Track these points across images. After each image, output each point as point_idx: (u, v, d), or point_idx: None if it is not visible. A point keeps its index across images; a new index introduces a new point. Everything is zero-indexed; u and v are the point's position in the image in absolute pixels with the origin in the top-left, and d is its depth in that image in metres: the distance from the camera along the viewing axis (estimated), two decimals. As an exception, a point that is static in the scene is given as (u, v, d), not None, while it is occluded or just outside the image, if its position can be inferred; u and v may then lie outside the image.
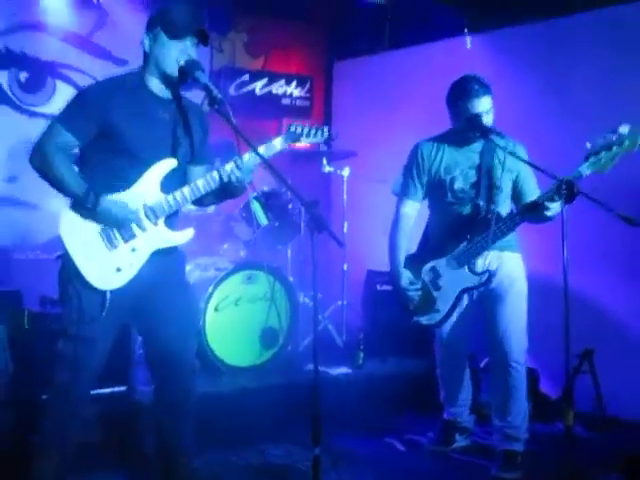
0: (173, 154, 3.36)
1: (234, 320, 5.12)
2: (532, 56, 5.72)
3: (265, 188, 5.64)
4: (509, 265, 4.21)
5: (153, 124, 3.33)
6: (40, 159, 3.22)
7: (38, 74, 5.97)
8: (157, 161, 3.31)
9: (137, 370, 4.48)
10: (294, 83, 7.16)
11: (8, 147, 5.59)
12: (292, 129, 3.45)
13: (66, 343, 3.28)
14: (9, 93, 5.88)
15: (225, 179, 3.33)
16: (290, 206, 5.56)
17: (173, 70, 3.30)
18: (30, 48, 5.94)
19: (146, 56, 3.36)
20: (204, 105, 3.56)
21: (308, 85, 7.25)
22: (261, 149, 3.32)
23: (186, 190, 3.33)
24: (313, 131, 3.49)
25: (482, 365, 5.09)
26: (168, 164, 3.33)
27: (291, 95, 7.15)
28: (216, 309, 5.04)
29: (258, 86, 6.95)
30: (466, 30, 6.15)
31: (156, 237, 3.33)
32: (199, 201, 3.49)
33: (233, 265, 5.21)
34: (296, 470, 4.15)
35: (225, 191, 3.44)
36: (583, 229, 4.50)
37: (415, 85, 6.46)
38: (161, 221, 3.34)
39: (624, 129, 3.69)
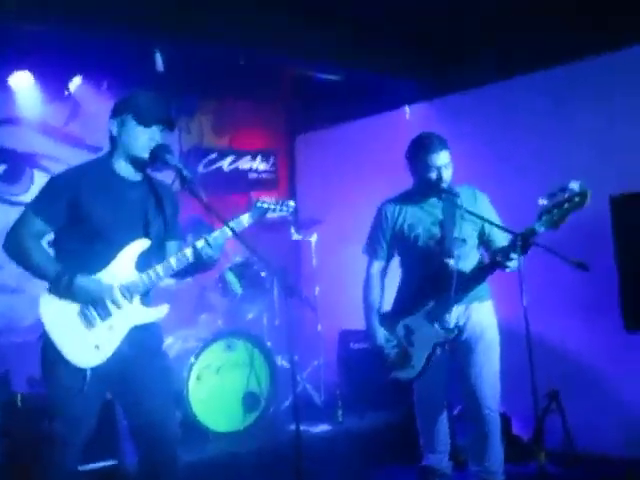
0: (145, 234, 3.38)
1: (216, 387, 5.14)
2: (476, 118, 5.91)
3: (238, 259, 5.67)
4: (479, 315, 4.19)
5: (122, 206, 3.34)
6: (14, 246, 3.26)
7: (16, 165, 6.00)
8: (130, 242, 3.32)
9: (126, 443, 4.39)
10: (259, 158, 7.28)
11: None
12: (259, 205, 3.54)
13: (52, 421, 3.26)
14: (-12, 185, 5.89)
15: (196, 255, 3.34)
16: (263, 274, 5.58)
17: (142, 153, 3.33)
18: (7, 141, 5.99)
19: (113, 140, 3.39)
20: (175, 185, 3.59)
21: (272, 159, 7.37)
22: (230, 225, 3.37)
23: (159, 268, 3.34)
24: (279, 206, 3.57)
25: (456, 412, 5.06)
26: (141, 244, 3.35)
27: (257, 170, 7.25)
28: (198, 378, 5.05)
29: (225, 163, 7.05)
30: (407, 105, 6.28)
31: (132, 314, 3.32)
32: (174, 275, 3.50)
33: (212, 335, 5.20)
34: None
35: (197, 266, 3.44)
36: (540, 276, 4.55)
37: (373, 152, 6.58)
38: (137, 299, 3.33)
39: (574, 186, 3.70)
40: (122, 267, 3.30)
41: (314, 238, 6.14)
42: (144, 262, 3.35)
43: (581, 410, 5.05)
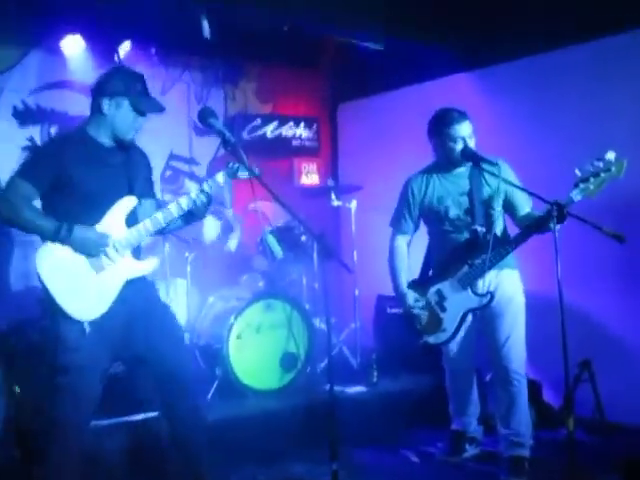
0: (130, 192, 3.46)
1: (256, 346, 5.15)
2: (518, 90, 5.80)
3: (279, 223, 5.67)
4: (507, 283, 4.22)
5: (105, 169, 3.43)
6: (7, 210, 3.29)
7: (67, 128, 6.04)
8: (116, 200, 3.40)
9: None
10: (302, 125, 7.23)
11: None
12: (229, 165, 3.53)
13: (58, 375, 3.32)
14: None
15: (185, 208, 3.45)
16: (303, 238, 5.58)
17: (129, 136, 3.46)
18: (59, 104, 6.04)
19: (100, 115, 3.43)
20: (220, 149, 3.62)
21: (315, 126, 7.32)
22: (208, 182, 3.47)
23: (148, 222, 3.44)
24: (249, 168, 3.48)
25: (487, 379, 5.06)
26: (129, 202, 3.45)
27: (300, 136, 7.22)
28: (238, 337, 5.06)
29: (269, 130, 7.03)
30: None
31: (125, 268, 3.41)
32: (161, 230, 3.58)
33: (253, 295, 5.22)
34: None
35: (189, 216, 3.56)
36: (576, 247, 4.51)
37: (413, 121, 6.43)
38: (128, 253, 3.42)
39: (610, 156, 3.73)
40: (112, 223, 3.39)
41: (354, 205, 6.11)
42: (132, 219, 3.44)
43: (612, 381, 5.01)
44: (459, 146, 4.10)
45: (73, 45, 5.76)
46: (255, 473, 4.28)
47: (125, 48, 5.90)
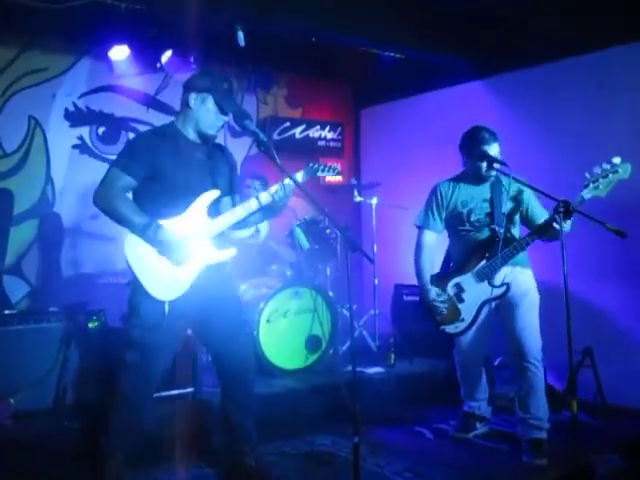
0: (214, 186, 3.44)
1: (283, 330, 5.14)
2: (529, 97, 5.73)
3: (306, 217, 5.65)
4: (522, 278, 4.17)
5: (192, 164, 3.42)
6: (104, 201, 3.27)
7: (113, 128, 6.07)
8: (201, 193, 3.38)
9: (202, 374, 4.45)
10: (327, 128, 7.20)
11: (90, 190, 5.64)
12: (310, 165, 3.54)
13: (132, 352, 3.30)
14: (90, 145, 5.99)
15: (264, 203, 3.41)
16: (328, 231, 5.57)
17: (211, 131, 3.44)
18: (106, 106, 6.07)
19: (188, 110, 3.43)
20: (253, 147, 3.61)
21: (339, 129, 7.28)
22: (287, 180, 3.41)
23: (229, 214, 3.41)
24: (327, 167, 3.53)
25: (496, 364, 5.01)
26: (212, 194, 3.42)
27: (325, 138, 7.19)
28: (268, 321, 5.05)
29: (297, 131, 7.00)
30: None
31: (205, 255, 3.38)
32: (243, 223, 3.54)
33: (281, 283, 5.20)
34: (339, 457, 4.12)
35: (267, 211, 3.51)
36: (581, 243, 4.46)
37: (429, 125, 6.48)
38: (209, 241, 3.39)
39: (617, 160, 3.81)
40: (196, 213, 3.37)
41: (374, 201, 6.08)
42: (213, 210, 3.42)
43: (612, 366, 4.95)
44: (485, 165, 4.10)
45: (120, 54, 5.76)
46: (282, 445, 4.27)
47: (167, 56, 5.89)
